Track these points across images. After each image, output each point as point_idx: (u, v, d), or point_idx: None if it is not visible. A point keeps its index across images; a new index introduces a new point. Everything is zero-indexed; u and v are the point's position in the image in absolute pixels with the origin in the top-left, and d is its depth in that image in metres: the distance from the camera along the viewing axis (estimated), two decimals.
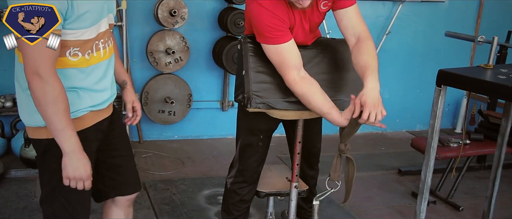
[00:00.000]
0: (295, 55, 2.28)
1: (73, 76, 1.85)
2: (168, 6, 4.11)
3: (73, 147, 1.79)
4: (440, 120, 2.56)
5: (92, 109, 1.94)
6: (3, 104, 3.82)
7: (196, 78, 4.59)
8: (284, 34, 2.26)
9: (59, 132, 1.77)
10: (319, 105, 2.27)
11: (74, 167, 1.81)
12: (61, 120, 1.75)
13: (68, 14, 1.73)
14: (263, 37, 2.27)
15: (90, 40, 1.85)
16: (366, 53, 2.27)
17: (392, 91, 5.28)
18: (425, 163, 2.63)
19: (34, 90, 1.72)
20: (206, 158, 4.33)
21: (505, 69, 2.69)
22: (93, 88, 1.92)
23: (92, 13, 1.81)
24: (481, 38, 3.43)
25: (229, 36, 4.43)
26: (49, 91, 1.71)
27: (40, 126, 1.87)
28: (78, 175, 1.82)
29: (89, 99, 1.92)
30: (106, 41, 1.95)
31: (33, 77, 1.70)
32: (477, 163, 4.37)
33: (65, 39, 1.77)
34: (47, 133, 1.86)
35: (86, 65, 1.87)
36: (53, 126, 1.76)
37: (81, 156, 1.82)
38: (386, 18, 5.03)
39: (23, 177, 3.68)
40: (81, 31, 1.80)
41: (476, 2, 5.33)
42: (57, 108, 1.73)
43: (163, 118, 4.41)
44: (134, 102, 2.23)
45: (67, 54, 1.81)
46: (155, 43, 4.23)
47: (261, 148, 2.60)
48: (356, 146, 4.89)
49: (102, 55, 1.93)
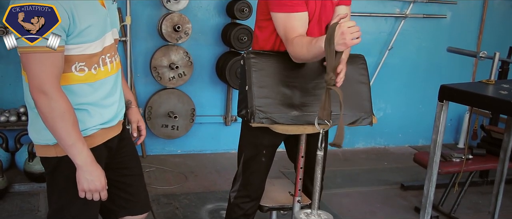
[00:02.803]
0: (304, 27, 2.31)
1: (81, 92, 1.84)
2: (172, 22, 4.15)
3: (86, 160, 1.80)
4: (442, 135, 2.57)
5: (102, 127, 1.94)
6: (7, 118, 3.84)
7: (199, 93, 4.61)
8: (299, 4, 2.30)
9: (70, 147, 1.77)
10: (311, 52, 2.22)
11: (89, 179, 1.82)
12: (71, 135, 1.76)
13: (70, 29, 1.73)
14: (278, 5, 2.30)
15: (95, 54, 1.85)
16: None
17: (394, 106, 5.30)
18: (428, 178, 2.64)
19: (41, 107, 1.72)
20: (209, 173, 4.33)
21: (507, 84, 2.70)
22: (101, 104, 1.92)
23: (96, 27, 1.82)
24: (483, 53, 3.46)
25: (232, 51, 4.46)
26: (55, 107, 1.71)
27: (49, 144, 1.87)
28: (94, 187, 1.83)
29: (98, 117, 1.91)
30: (112, 55, 1.95)
31: (38, 95, 1.71)
32: (480, 178, 4.37)
33: (69, 54, 1.77)
34: (56, 151, 1.87)
35: (93, 80, 1.87)
36: (64, 142, 1.77)
37: (94, 168, 1.82)
38: (388, 34, 5.06)
39: (27, 192, 3.68)
40: (85, 45, 1.80)
41: (478, 18, 5.37)
42: (65, 123, 1.74)
43: (167, 132, 4.43)
44: (139, 121, 2.24)
45: (73, 69, 1.81)
46: (159, 58, 4.26)
47: (264, 163, 2.60)
48: (359, 161, 4.90)
49: (109, 69, 1.93)
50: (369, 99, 2.49)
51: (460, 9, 5.26)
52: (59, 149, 1.85)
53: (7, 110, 3.94)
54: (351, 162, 4.84)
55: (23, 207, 3.47)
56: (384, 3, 4.97)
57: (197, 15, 4.44)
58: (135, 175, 2.20)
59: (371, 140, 5.32)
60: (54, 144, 1.84)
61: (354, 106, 2.44)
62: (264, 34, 2.48)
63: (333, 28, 2.02)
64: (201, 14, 4.48)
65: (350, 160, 4.91)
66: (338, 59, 2.10)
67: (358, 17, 4.86)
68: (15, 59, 3.97)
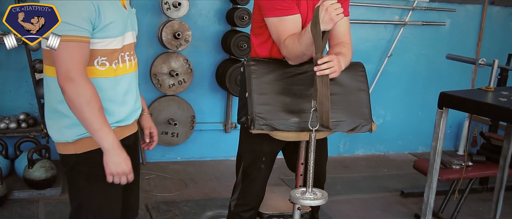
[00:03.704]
0: (297, 29, 2.33)
1: (101, 86, 1.91)
2: (172, 29, 4.16)
3: (113, 144, 1.86)
4: (442, 142, 2.58)
5: (118, 125, 1.99)
6: (7, 125, 3.85)
7: (199, 100, 4.62)
8: (292, 7, 2.34)
9: (97, 131, 1.84)
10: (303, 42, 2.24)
11: (116, 162, 1.88)
12: (98, 119, 1.83)
13: (96, 23, 1.82)
14: (271, 10, 2.34)
15: (116, 50, 1.93)
16: (345, 48, 2.41)
17: (394, 113, 5.30)
18: (428, 185, 2.64)
19: (68, 94, 1.79)
20: (209, 180, 4.33)
21: (506, 91, 2.71)
22: (119, 100, 1.98)
23: (117, 24, 1.90)
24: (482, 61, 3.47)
25: (232, 59, 4.47)
26: (82, 93, 1.79)
27: (68, 141, 1.93)
28: (121, 170, 1.89)
29: (116, 114, 1.97)
30: (131, 54, 2.04)
31: (66, 82, 1.78)
32: (480, 185, 4.37)
33: (93, 48, 1.86)
34: (75, 148, 1.93)
35: (113, 75, 1.94)
36: (91, 127, 1.83)
37: (120, 152, 1.88)
38: (388, 41, 5.07)
39: (26, 199, 3.68)
40: (108, 40, 1.89)
41: (477, 25, 5.38)
42: (92, 108, 1.81)
43: (166, 139, 4.43)
44: (151, 128, 2.29)
45: (95, 63, 1.89)
46: (159, 65, 4.27)
47: (264, 171, 2.60)
48: (359, 168, 4.90)
49: (127, 67, 2.01)
50: (368, 106, 2.50)
51: (459, 17, 5.27)
52: (78, 146, 1.93)
53: (7, 117, 3.95)
54: (351, 169, 4.84)
55: (23, 214, 3.47)
56: (384, 10, 4.99)
57: (197, 23, 4.45)
58: (136, 180, 2.20)
59: (370, 147, 5.32)
60: (73, 141, 1.92)
61: (353, 113, 2.44)
62: (259, 40, 2.51)
63: (317, 10, 2.11)
64: (201, 21, 4.49)
65: (350, 167, 4.91)
66: (325, 40, 2.17)
67: (357, 25, 4.87)
68: (16, 66, 4.02)
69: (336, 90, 2.43)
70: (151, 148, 2.31)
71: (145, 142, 2.29)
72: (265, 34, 2.47)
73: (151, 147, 2.31)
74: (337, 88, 2.44)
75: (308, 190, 2.28)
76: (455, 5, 5.21)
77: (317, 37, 2.12)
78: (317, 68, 2.16)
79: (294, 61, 2.37)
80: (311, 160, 2.26)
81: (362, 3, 4.87)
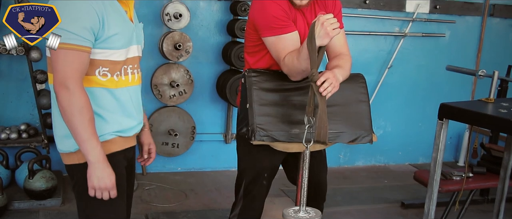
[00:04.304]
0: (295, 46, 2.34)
1: (102, 96, 1.91)
2: (173, 40, 4.18)
3: (98, 157, 1.84)
4: (442, 153, 2.58)
5: (120, 134, 1.98)
6: (8, 135, 3.85)
7: (199, 110, 4.62)
8: (289, 25, 2.35)
9: (84, 142, 1.83)
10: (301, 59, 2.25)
11: (99, 176, 1.86)
12: (87, 130, 1.82)
13: (99, 34, 1.83)
14: (268, 29, 2.34)
15: (119, 62, 1.93)
16: (343, 60, 2.42)
17: (394, 124, 5.30)
18: (428, 196, 2.64)
19: (61, 100, 1.80)
20: (209, 191, 4.33)
21: (506, 103, 2.72)
22: (120, 112, 1.97)
23: (122, 36, 1.90)
24: (482, 72, 3.48)
25: (232, 70, 4.49)
26: (75, 102, 1.79)
27: (70, 151, 1.93)
28: (103, 184, 1.87)
29: (116, 124, 1.97)
30: (135, 68, 2.02)
31: (60, 88, 1.79)
32: (480, 197, 4.36)
33: (94, 58, 1.86)
34: (78, 158, 1.92)
35: (114, 87, 1.94)
36: (79, 137, 1.83)
37: (105, 166, 1.86)
38: (388, 52, 5.08)
39: (27, 209, 3.67)
40: (110, 52, 1.89)
41: (476, 37, 5.40)
42: (82, 118, 1.80)
43: (167, 150, 4.43)
44: (150, 144, 2.26)
45: (96, 73, 1.89)
46: (159, 76, 4.28)
47: (265, 186, 2.61)
48: (359, 179, 4.89)
49: (130, 80, 2.00)
50: (369, 117, 2.51)
51: (458, 28, 5.30)
52: (81, 156, 1.90)
53: (8, 127, 3.95)
54: (351, 180, 4.84)
55: None
56: (384, 22, 5.01)
57: (198, 34, 4.47)
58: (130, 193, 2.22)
59: (371, 158, 5.32)
60: (76, 150, 1.91)
61: (354, 124, 2.45)
62: (254, 58, 2.52)
63: (313, 25, 2.12)
64: (202, 32, 4.51)
65: (350, 178, 4.90)
66: (321, 55, 2.18)
67: (357, 36, 4.89)
68: (17, 76, 4.03)
69: (337, 101, 2.44)
70: (148, 164, 2.30)
71: (143, 158, 2.27)
72: (261, 52, 2.48)
73: (148, 163, 2.29)
74: (338, 99, 2.45)
75: (302, 208, 2.27)
76: (455, 16, 5.24)
77: (313, 53, 2.13)
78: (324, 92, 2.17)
79: (296, 78, 2.38)
80: (305, 178, 2.26)
81: (362, 15, 4.89)
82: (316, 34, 2.11)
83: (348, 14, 4.79)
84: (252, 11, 2.46)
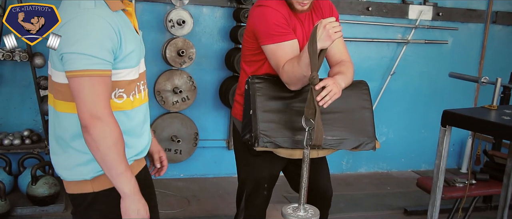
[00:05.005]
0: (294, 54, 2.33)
1: (119, 120, 1.74)
2: (176, 46, 4.19)
3: (134, 189, 1.74)
4: (445, 160, 2.58)
5: (135, 158, 1.89)
6: (11, 141, 3.86)
7: (202, 117, 4.63)
8: (288, 32, 2.35)
9: (119, 176, 1.71)
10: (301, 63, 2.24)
11: (137, 209, 1.75)
12: (122, 163, 1.70)
13: (117, 53, 1.71)
14: (268, 37, 2.34)
15: (133, 80, 1.81)
16: (344, 66, 2.43)
17: (397, 131, 5.30)
18: (431, 203, 2.64)
19: (94, 133, 1.64)
20: (212, 197, 4.32)
21: (509, 110, 2.72)
22: (135, 133, 1.86)
23: (136, 52, 1.79)
24: (485, 79, 3.48)
25: (235, 76, 4.49)
26: (109, 134, 1.66)
27: (85, 179, 1.79)
28: (141, 216, 1.76)
29: (133, 148, 1.85)
30: (144, 83, 1.91)
31: (92, 121, 1.63)
32: (483, 203, 4.35)
33: (112, 79, 1.72)
34: (92, 186, 1.80)
35: (130, 108, 1.82)
36: (114, 170, 1.69)
37: (140, 197, 1.76)
38: (390, 59, 5.09)
39: (29, 215, 3.67)
40: (126, 71, 1.77)
41: (479, 44, 5.40)
42: (118, 150, 1.68)
43: (170, 156, 4.43)
44: (160, 152, 2.16)
45: (113, 96, 1.76)
46: (162, 82, 4.29)
47: (266, 196, 2.63)
48: (362, 186, 4.89)
49: (143, 97, 1.89)
50: (372, 124, 2.51)
51: (461, 35, 5.30)
52: (96, 184, 1.79)
53: (11, 133, 3.96)
54: (354, 187, 4.83)
55: None
56: (386, 29, 5.02)
57: (201, 40, 4.48)
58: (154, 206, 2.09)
59: (373, 164, 5.32)
60: (92, 178, 1.78)
61: (357, 131, 2.45)
62: (252, 68, 2.53)
63: (315, 28, 2.12)
64: (205, 39, 4.52)
65: (353, 184, 4.90)
66: (321, 58, 2.18)
67: (360, 43, 4.90)
68: (21, 82, 4.04)
69: (340, 108, 2.44)
70: (161, 174, 2.17)
71: (156, 168, 2.16)
72: (259, 62, 2.48)
73: (161, 173, 2.17)
74: (341, 106, 2.45)
75: (300, 207, 2.27)
76: (458, 23, 5.24)
77: (313, 55, 2.13)
78: (322, 102, 2.18)
79: (294, 86, 2.36)
80: (305, 177, 2.26)
81: (365, 22, 4.90)
82: (318, 37, 2.11)
83: (351, 21, 4.80)
84: (251, 19, 2.45)
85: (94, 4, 1.67)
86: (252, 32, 2.44)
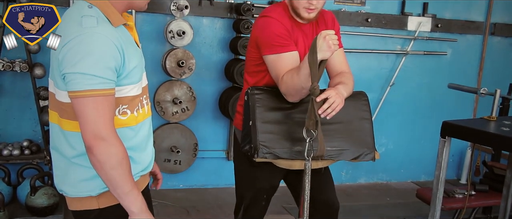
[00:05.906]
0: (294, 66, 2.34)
1: (124, 136, 1.73)
2: (176, 57, 4.20)
3: (141, 207, 1.72)
4: (445, 171, 2.58)
5: (142, 174, 1.88)
6: (10, 152, 3.85)
7: (202, 127, 4.63)
8: (289, 44, 2.37)
9: (126, 195, 1.68)
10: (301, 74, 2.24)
11: None
12: (128, 182, 1.68)
13: (121, 70, 1.69)
14: (269, 47, 2.36)
15: (137, 96, 1.79)
16: (345, 77, 2.46)
17: (396, 142, 5.30)
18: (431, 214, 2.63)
19: (98, 154, 1.62)
20: (211, 208, 4.31)
21: (508, 121, 2.72)
22: (141, 148, 1.85)
23: (139, 68, 1.78)
24: (484, 90, 3.49)
25: (235, 87, 4.50)
26: (114, 153, 1.64)
27: (91, 195, 1.77)
28: None
29: (140, 164, 1.84)
30: (147, 97, 1.89)
31: (96, 141, 1.62)
32: (483, 215, 4.34)
33: (116, 96, 1.69)
34: (98, 203, 1.77)
35: (135, 123, 1.80)
36: (120, 190, 1.67)
37: (148, 214, 1.74)
38: (390, 70, 5.10)
39: None
40: (130, 87, 1.75)
41: (478, 55, 5.42)
42: (123, 169, 1.66)
43: (169, 167, 4.43)
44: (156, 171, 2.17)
45: (116, 112, 1.74)
46: (162, 93, 4.30)
47: (264, 207, 2.63)
48: (361, 197, 4.88)
49: (146, 111, 1.88)
50: (371, 135, 2.51)
51: (460, 46, 5.32)
52: (102, 200, 1.77)
53: (10, 143, 3.96)
54: (353, 198, 4.82)
55: None
56: (386, 40, 5.04)
57: (201, 51, 4.50)
58: None
59: (373, 175, 5.31)
60: (97, 195, 1.76)
61: (356, 142, 2.45)
62: (254, 79, 2.54)
63: (315, 39, 2.14)
64: (205, 50, 4.53)
65: (352, 195, 4.89)
66: (321, 69, 2.20)
67: (360, 54, 4.92)
68: (20, 93, 4.05)
69: (340, 118, 2.45)
70: (158, 188, 2.19)
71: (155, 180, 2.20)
72: (262, 73, 2.49)
73: (158, 187, 2.19)
74: (341, 117, 2.45)
75: None
76: (456, 35, 5.27)
77: (314, 65, 2.14)
78: (324, 115, 2.19)
79: (293, 98, 2.36)
80: (307, 190, 2.26)
81: (364, 33, 4.92)
82: (318, 48, 2.13)
83: (350, 32, 4.82)
84: (255, 29, 2.48)
85: (96, 22, 1.64)
86: (255, 42, 2.46)
